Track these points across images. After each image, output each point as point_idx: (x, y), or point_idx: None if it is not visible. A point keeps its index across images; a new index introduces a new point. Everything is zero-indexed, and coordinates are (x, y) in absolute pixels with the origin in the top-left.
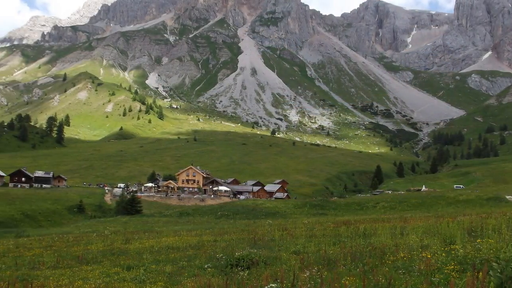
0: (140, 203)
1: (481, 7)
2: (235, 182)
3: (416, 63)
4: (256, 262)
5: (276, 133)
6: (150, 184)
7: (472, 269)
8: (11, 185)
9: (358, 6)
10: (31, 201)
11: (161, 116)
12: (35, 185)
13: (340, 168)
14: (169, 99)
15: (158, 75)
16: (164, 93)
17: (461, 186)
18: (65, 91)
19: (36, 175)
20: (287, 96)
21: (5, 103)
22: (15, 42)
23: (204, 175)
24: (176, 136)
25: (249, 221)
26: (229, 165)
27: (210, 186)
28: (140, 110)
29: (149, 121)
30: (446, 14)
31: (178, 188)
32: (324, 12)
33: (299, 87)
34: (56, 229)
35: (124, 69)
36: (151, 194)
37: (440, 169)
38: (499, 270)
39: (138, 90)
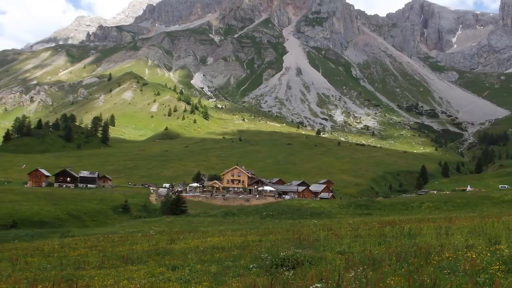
0: (185, 203)
1: None
2: (280, 182)
3: (461, 63)
4: (301, 262)
5: (321, 133)
6: (195, 184)
7: None
8: (56, 185)
9: (403, 6)
10: (76, 201)
11: (206, 116)
12: (80, 185)
13: (385, 168)
14: (214, 99)
15: (203, 75)
16: (209, 93)
17: (506, 186)
18: (110, 91)
19: (81, 175)
20: (332, 96)
21: (50, 103)
22: (60, 42)
23: (249, 175)
24: (221, 136)
25: (294, 221)
26: (274, 165)
27: (255, 186)
28: (185, 110)
29: (194, 121)
30: (491, 14)
31: (223, 188)
32: (369, 12)
33: (344, 87)
34: (101, 229)
35: (169, 69)
36: (196, 194)
37: (485, 169)
38: None
39: (183, 90)
